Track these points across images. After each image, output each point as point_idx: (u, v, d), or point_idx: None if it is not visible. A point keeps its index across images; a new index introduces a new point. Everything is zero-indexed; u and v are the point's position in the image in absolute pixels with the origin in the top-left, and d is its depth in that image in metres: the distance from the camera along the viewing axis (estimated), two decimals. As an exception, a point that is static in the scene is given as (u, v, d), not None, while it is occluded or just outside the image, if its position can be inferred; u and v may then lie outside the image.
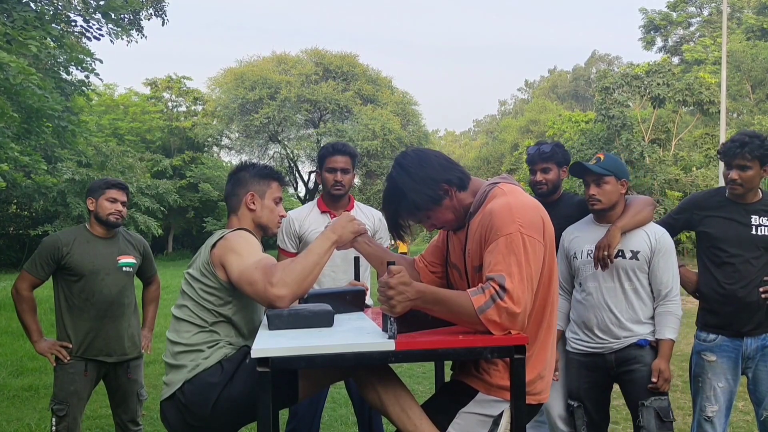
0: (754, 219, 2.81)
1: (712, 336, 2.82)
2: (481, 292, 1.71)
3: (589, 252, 2.77)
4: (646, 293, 2.74)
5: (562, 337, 2.95)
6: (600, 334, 2.74)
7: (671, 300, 2.70)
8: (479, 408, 1.88)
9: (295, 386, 2.00)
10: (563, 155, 3.12)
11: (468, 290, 1.74)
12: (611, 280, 2.74)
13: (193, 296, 2.10)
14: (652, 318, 2.72)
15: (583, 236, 2.84)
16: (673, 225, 2.95)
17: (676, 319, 2.69)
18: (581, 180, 2.85)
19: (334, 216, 3.22)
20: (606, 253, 2.67)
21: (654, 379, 2.61)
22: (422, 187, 1.90)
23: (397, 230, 2.03)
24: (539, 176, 3.11)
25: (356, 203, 3.36)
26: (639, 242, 2.72)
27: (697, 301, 2.96)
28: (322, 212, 3.24)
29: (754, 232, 2.79)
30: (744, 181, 2.76)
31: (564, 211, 3.02)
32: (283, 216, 2.36)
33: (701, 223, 2.89)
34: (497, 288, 1.70)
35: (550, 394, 2.01)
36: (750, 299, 2.74)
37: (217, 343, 2.07)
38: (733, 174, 2.77)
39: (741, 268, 2.76)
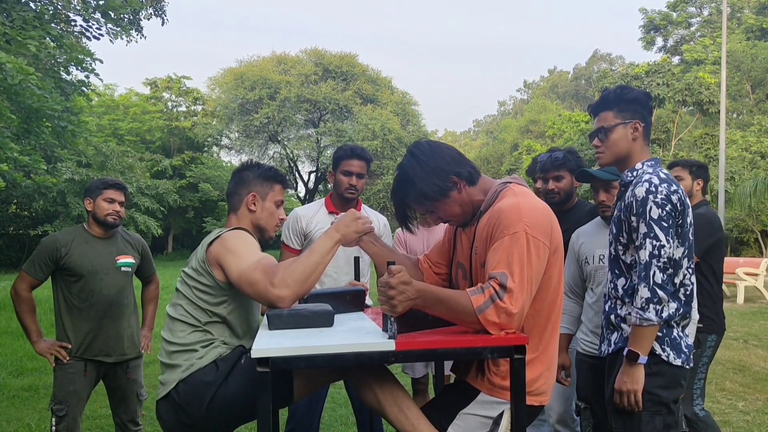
0: None
1: None
2: (481, 292, 1.71)
3: (601, 257, 2.69)
4: None
5: (572, 340, 2.90)
6: None
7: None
8: (480, 409, 1.88)
9: (290, 386, 1.99)
10: (576, 162, 3.01)
11: (468, 290, 1.74)
12: None
13: (188, 295, 2.09)
14: None
15: (594, 240, 2.76)
16: None
17: (692, 323, 2.60)
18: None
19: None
20: None
21: None
22: (431, 176, 1.90)
23: (404, 219, 2.02)
24: (551, 185, 3.00)
25: (363, 207, 3.34)
26: None
27: None
28: (330, 213, 3.22)
29: None
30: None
31: (577, 217, 2.95)
32: (282, 219, 2.34)
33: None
34: (497, 288, 1.69)
35: (551, 396, 2.00)
36: None
37: (211, 343, 2.06)
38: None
39: None
